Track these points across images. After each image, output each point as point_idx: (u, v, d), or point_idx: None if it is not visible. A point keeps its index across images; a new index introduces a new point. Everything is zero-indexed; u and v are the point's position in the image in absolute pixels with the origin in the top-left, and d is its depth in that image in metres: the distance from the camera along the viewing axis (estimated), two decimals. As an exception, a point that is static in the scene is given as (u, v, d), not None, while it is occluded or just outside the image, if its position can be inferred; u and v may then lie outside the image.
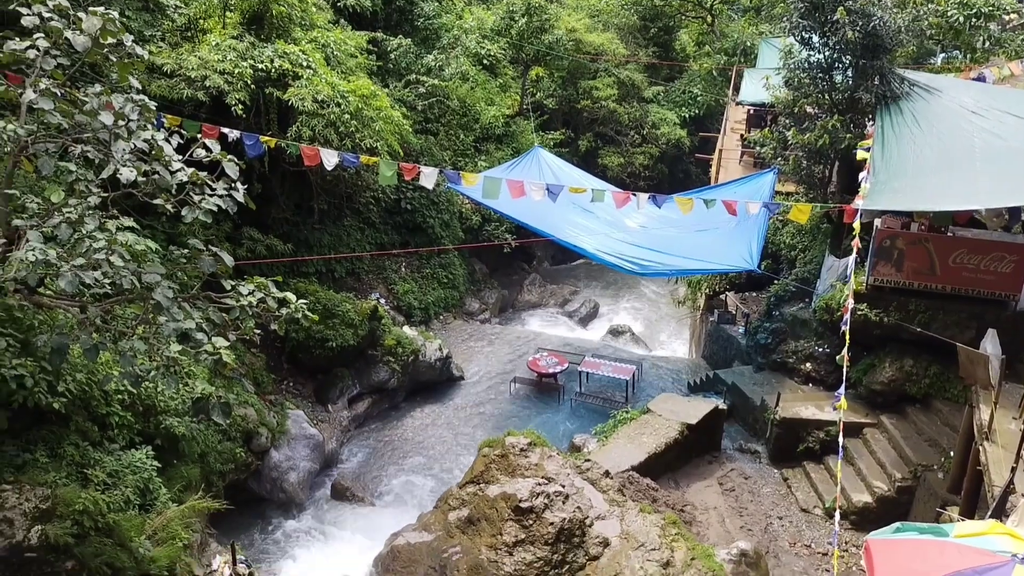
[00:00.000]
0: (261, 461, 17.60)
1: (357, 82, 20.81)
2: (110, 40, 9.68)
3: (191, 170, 9.53)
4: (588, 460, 16.00)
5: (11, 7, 10.12)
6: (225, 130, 14.87)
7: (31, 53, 9.33)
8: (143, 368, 9.11)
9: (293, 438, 18.53)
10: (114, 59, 9.84)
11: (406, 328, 24.22)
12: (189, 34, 19.35)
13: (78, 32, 9.31)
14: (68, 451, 11.91)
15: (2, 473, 10.85)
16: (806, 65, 18.38)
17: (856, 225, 14.02)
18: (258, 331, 10.07)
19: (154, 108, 9.83)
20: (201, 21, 19.54)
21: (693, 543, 13.99)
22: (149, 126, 9.58)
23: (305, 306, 9.89)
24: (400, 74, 29.25)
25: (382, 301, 24.91)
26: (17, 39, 9.53)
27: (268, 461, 17.77)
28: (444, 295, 28.45)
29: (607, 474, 15.58)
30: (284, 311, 9.66)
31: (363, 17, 28.82)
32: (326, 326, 20.37)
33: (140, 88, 10.25)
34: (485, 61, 33.71)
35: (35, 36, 9.41)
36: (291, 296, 9.82)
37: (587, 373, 22.93)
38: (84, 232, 8.50)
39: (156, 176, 9.24)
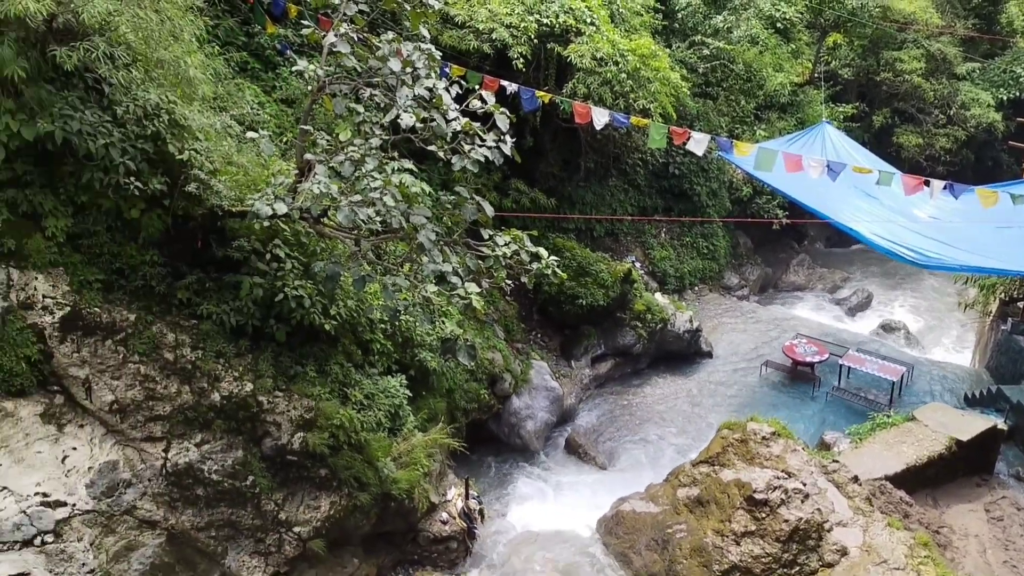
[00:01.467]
0: (502, 405, 18.26)
1: (639, 41, 20.47)
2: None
3: (464, 120, 9.82)
4: (836, 461, 14.93)
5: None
6: (504, 83, 15.24)
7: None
8: (403, 303, 9.62)
9: (535, 388, 19.01)
10: (408, 8, 10.32)
11: (658, 295, 23.87)
12: (483, -14, 19.99)
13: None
14: (333, 369, 12.99)
15: (277, 380, 12.05)
16: None
17: None
18: (510, 281, 10.30)
19: (439, 57, 10.20)
20: (495, -26, 20.10)
21: (944, 570, 12.66)
22: (433, 75, 9.97)
23: (556, 263, 9.94)
24: (685, 34, 28.43)
25: (637, 265, 24.69)
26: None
27: (509, 406, 18.39)
28: (702, 266, 27.66)
29: (855, 479, 14.46)
30: (535, 266, 9.77)
31: (654, -26, 28.25)
32: (578, 283, 20.55)
33: (430, 38, 10.67)
34: (779, 24, 31.83)
35: (343, -15, 10.08)
36: (543, 252, 9.91)
37: (849, 368, 21.33)
38: (364, 171, 9.05)
39: (433, 123, 9.62)
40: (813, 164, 14.67)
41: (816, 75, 32.98)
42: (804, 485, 13.65)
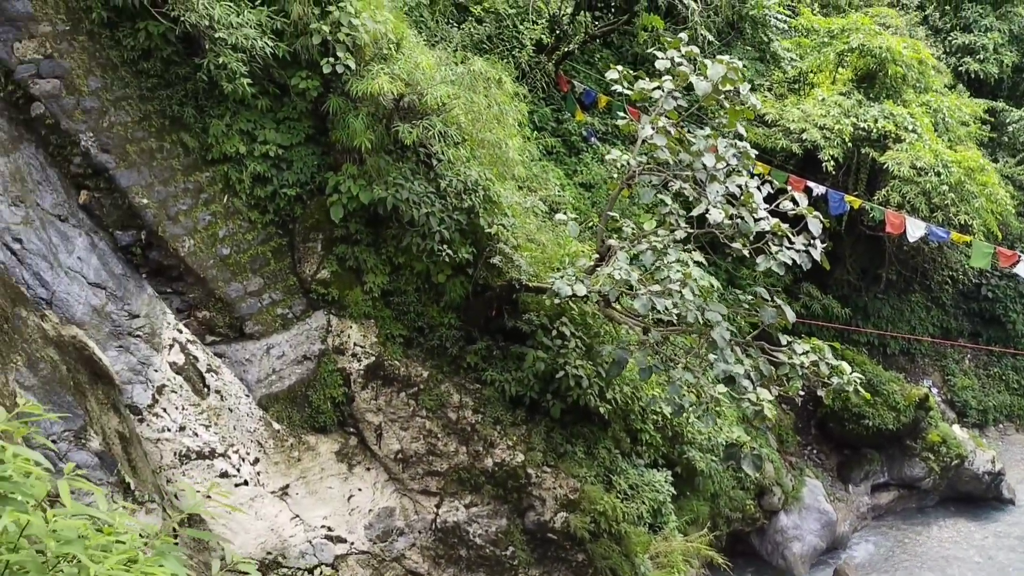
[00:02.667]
0: (768, 520, 17.14)
1: (964, 153, 18.98)
2: (727, 87, 10.16)
3: (774, 220, 9.53)
4: None
5: (649, 51, 11.21)
6: (812, 184, 14.72)
7: (656, 93, 10.24)
8: (686, 399, 9.38)
9: (806, 507, 17.68)
10: (727, 105, 10.31)
11: (955, 427, 21.47)
12: (796, 87, 19.66)
13: (702, 78, 9.93)
14: (601, 453, 12.93)
15: (547, 456, 12.20)
16: None
17: None
18: (801, 392, 9.71)
19: (753, 156, 10.05)
20: (811, 75, 19.72)
21: None
22: (745, 172, 9.82)
23: (858, 381, 9.23)
24: (1016, 149, 25.98)
25: (934, 391, 22.45)
26: (647, 79, 10.54)
27: (775, 522, 17.23)
28: (1011, 402, 24.55)
29: None
30: (835, 380, 9.12)
31: (984, 84, 26.25)
32: (865, 402, 19.00)
33: (742, 135, 10.57)
34: None
35: (663, 78, 10.30)
36: (845, 366, 9.25)
37: None
38: (665, 262, 9.03)
39: (739, 220, 9.42)
40: None
41: None
42: None
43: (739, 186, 9.61)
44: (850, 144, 17.82)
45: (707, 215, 9.14)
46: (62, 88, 9.93)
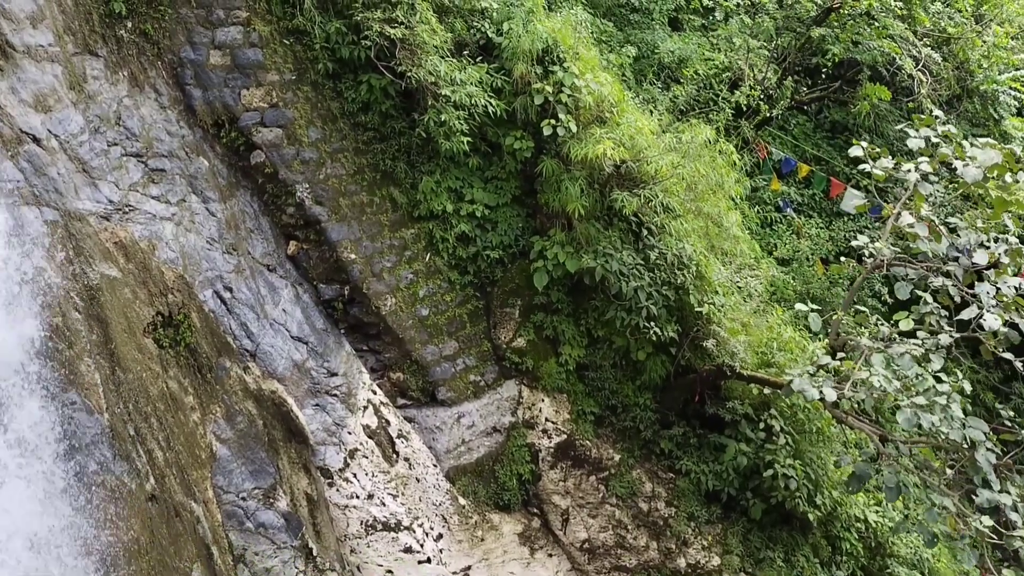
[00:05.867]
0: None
1: None
2: (997, 174, 9.00)
3: (1054, 329, 8.25)
4: None
5: (899, 127, 10.18)
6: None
7: (912, 176, 9.16)
8: (943, 529, 8.13)
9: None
10: (993, 195, 9.13)
11: None
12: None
13: (970, 162, 8.81)
14: (800, 562, 11.68)
15: (744, 561, 11.08)
16: None
17: None
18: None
19: (1026, 251, 8.81)
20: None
21: None
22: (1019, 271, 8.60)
23: None
24: None
25: None
26: (894, 160, 9.50)
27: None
28: None
29: None
30: None
31: None
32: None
33: (1009, 227, 9.33)
34: None
35: (919, 159, 9.23)
36: None
37: None
38: (930, 370, 7.91)
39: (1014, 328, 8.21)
40: None
41: None
42: None
43: (1015, 288, 8.39)
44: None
45: (982, 320, 7.96)
46: (284, 138, 9.82)
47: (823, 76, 16.17)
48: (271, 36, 9.70)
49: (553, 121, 10.12)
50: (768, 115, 15.56)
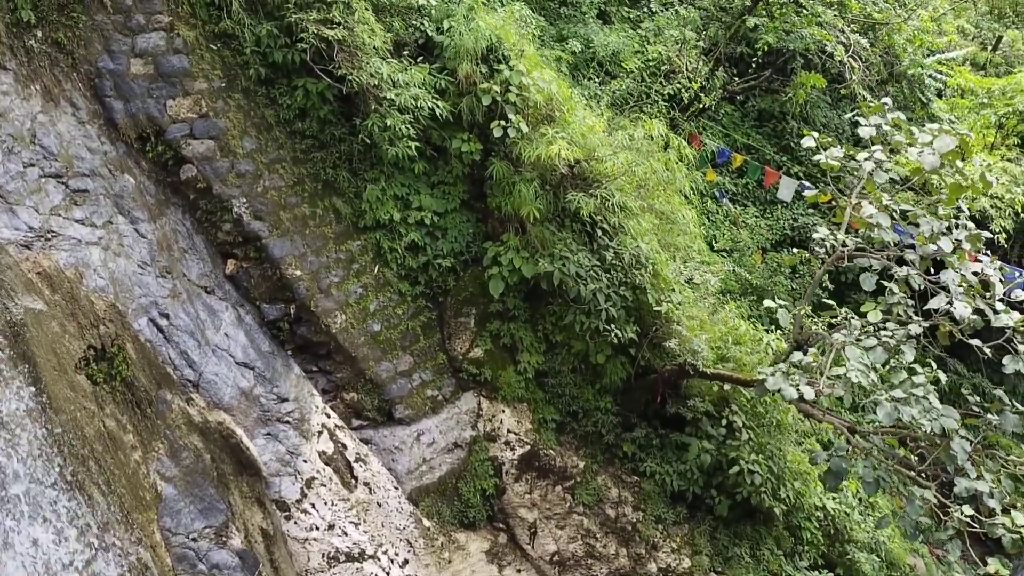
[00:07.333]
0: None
1: None
2: (950, 159, 9.02)
3: (1017, 316, 8.28)
4: None
5: (848, 116, 10.15)
6: (982, 258, 13.38)
7: (868, 165, 9.10)
8: (925, 518, 8.06)
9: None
10: (948, 180, 9.15)
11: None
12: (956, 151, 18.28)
13: (927, 150, 8.79)
14: (765, 555, 11.63)
15: (713, 560, 10.95)
16: None
17: None
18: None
19: (984, 237, 8.86)
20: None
21: None
22: (981, 256, 8.63)
23: None
24: None
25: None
26: (839, 146, 9.45)
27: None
28: None
29: None
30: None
31: None
32: None
33: (963, 210, 9.37)
34: None
35: (873, 148, 9.18)
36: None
37: None
38: (903, 362, 7.84)
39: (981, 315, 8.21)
40: None
41: None
42: None
43: (975, 273, 8.40)
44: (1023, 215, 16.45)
45: (951, 309, 7.92)
46: (216, 150, 9.15)
47: (753, 65, 16.19)
48: (197, 41, 9.00)
49: (503, 122, 9.72)
50: (702, 106, 15.51)
